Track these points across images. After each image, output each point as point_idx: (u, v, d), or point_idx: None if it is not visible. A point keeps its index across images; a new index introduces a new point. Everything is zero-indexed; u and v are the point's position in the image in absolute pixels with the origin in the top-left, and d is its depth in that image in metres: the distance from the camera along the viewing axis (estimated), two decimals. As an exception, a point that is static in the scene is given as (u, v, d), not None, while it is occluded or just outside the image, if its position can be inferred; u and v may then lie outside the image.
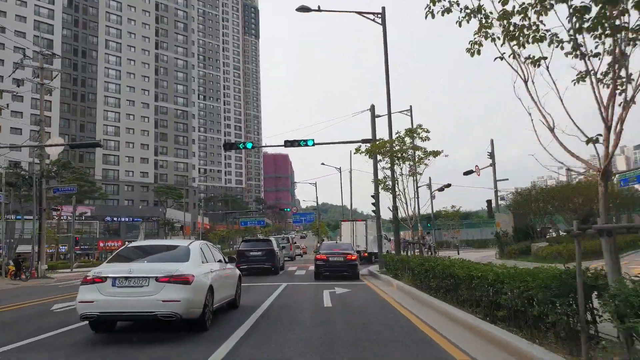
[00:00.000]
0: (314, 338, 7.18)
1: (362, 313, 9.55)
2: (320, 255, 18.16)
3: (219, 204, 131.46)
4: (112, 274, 7.28)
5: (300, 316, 9.35)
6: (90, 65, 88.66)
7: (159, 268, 7.43)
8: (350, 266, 17.83)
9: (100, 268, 7.66)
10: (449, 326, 7.57)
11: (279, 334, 7.48)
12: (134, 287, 7.17)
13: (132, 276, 7.22)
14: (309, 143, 21.28)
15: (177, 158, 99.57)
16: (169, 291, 7.11)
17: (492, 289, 6.83)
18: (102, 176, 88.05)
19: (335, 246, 19.55)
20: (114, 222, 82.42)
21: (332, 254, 18.04)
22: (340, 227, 29.46)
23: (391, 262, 16.80)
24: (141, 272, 7.32)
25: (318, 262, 18.08)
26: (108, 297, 7.12)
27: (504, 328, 6.24)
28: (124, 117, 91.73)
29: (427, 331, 7.38)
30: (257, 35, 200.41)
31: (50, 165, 59.04)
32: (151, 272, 7.29)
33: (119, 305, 7.13)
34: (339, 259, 17.86)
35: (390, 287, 14.40)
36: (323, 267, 17.96)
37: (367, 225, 28.23)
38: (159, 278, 7.19)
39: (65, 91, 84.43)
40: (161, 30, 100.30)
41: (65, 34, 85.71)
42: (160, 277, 7.20)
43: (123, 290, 7.15)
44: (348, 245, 20.31)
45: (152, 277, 7.20)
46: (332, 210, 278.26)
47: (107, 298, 7.12)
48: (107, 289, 7.17)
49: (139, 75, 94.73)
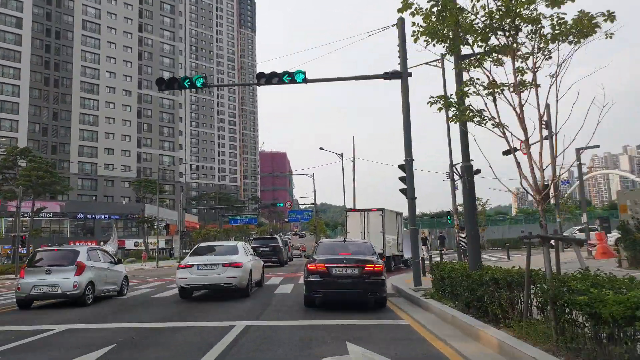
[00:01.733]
0: None
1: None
2: (315, 265, 9.72)
3: (212, 202, 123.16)
4: (196, 262, 12.44)
5: None
6: (64, 47, 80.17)
7: (223, 258, 12.52)
8: (371, 285, 9.54)
9: (188, 259, 12.75)
10: None
11: None
12: (209, 269, 12.26)
13: (208, 263, 12.39)
14: (297, 78, 12.95)
15: (162, 151, 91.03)
16: (229, 272, 12.21)
17: None
18: (78, 170, 79.68)
19: (342, 247, 11.11)
20: (88, 220, 73.88)
21: (337, 262, 9.68)
22: (346, 220, 20.79)
23: (453, 279, 8.41)
24: (213, 260, 12.46)
25: (312, 276, 9.73)
26: (194, 276, 12.22)
27: None
28: (103, 106, 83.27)
29: None
30: (253, 28, 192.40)
31: (6, 154, 50.72)
32: (219, 261, 12.39)
33: (201, 280, 12.23)
34: (351, 272, 9.53)
35: (477, 342, 6.13)
36: (320, 288, 9.64)
37: (384, 216, 19.83)
38: (224, 264, 12.29)
39: (36, 75, 76.04)
40: (145, 12, 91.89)
41: (37, 12, 77.28)
42: (224, 263, 12.30)
43: (203, 271, 12.25)
44: (365, 244, 11.40)
45: (220, 264, 12.30)
46: (331, 211, 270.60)
47: (194, 276, 12.21)
48: (194, 271, 12.27)
49: (120, 60, 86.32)
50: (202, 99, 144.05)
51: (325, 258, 9.96)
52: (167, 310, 10.67)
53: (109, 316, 10.07)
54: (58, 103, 78.54)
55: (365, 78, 13.50)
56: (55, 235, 66.87)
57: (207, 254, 13.05)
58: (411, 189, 12.97)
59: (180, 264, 12.97)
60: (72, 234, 71.36)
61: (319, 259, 9.96)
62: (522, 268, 6.60)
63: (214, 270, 12.13)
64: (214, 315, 9.47)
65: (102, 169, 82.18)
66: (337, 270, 9.55)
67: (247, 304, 11.12)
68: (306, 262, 10.28)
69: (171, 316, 9.54)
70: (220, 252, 13.19)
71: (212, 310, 10.41)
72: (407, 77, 13.15)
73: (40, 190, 50.57)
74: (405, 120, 13.11)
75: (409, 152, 13.00)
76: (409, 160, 12.99)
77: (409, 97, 13.27)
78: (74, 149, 79.38)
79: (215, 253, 13.19)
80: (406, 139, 13.06)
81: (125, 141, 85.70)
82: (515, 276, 6.04)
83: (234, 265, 12.27)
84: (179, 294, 12.74)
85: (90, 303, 12.09)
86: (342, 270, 9.55)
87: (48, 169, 50.43)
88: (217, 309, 10.55)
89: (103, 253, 14.05)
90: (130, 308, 11.39)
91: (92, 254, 13.01)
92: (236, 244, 14.03)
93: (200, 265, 12.26)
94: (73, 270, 11.83)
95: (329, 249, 10.98)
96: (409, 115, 13.15)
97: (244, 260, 12.74)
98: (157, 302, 12.49)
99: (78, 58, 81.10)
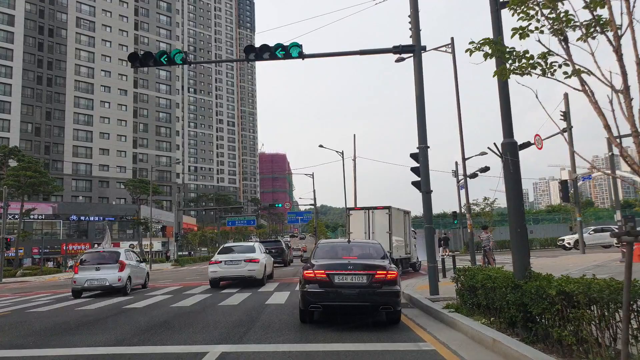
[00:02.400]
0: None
1: None
2: (313, 272, 7.77)
3: (211, 204, 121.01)
4: (224, 259, 16.11)
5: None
6: (58, 45, 78.29)
7: (244, 256, 16.18)
8: (383, 297, 7.59)
9: (217, 257, 16.59)
10: None
11: None
12: (234, 265, 15.87)
13: (233, 259, 16.07)
14: (292, 53, 11.04)
15: (159, 151, 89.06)
16: (249, 266, 15.79)
17: None
18: (72, 170, 77.77)
19: (346, 249, 9.16)
20: (82, 222, 71.88)
21: (340, 269, 7.70)
22: (348, 219, 18.75)
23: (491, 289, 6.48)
24: (237, 257, 16.14)
25: (309, 286, 7.76)
26: (222, 269, 15.89)
27: None
28: (97, 105, 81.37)
29: None
30: (252, 28, 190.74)
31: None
32: (241, 258, 16.09)
33: (227, 273, 15.89)
34: (358, 280, 7.61)
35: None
36: (319, 300, 7.69)
37: (391, 215, 17.83)
38: (245, 260, 15.95)
39: (29, 74, 74.13)
40: (141, 10, 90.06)
41: (29, 9, 75.44)
42: (246, 259, 15.98)
43: (229, 266, 15.87)
44: (374, 246, 9.24)
45: (242, 260, 15.97)
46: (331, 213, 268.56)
47: (222, 269, 15.88)
48: (222, 266, 15.91)
49: (115, 59, 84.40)
50: (200, 99, 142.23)
51: (325, 263, 8.03)
52: (130, 326, 8.66)
53: (50, 338, 8.14)
54: (51, 102, 76.63)
55: (372, 52, 11.61)
56: (47, 237, 64.86)
57: (231, 253, 16.90)
58: (426, 180, 11.08)
59: (210, 260, 17.19)
60: (65, 236, 69.36)
61: (318, 264, 8.01)
62: (595, 277, 4.69)
63: (238, 265, 16.02)
64: (186, 335, 7.55)
65: (97, 170, 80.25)
66: (340, 278, 7.64)
67: (232, 318, 9.21)
68: (302, 268, 8.34)
69: (132, 336, 7.58)
70: (241, 251, 17.02)
71: (187, 326, 8.49)
72: (420, 51, 11.29)
73: (29, 190, 48.64)
74: (419, 102, 11.24)
75: (423, 139, 11.11)
76: (424, 148, 11.09)
77: (422, 74, 11.40)
78: (68, 149, 77.44)
79: (238, 251, 17.02)
80: (420, 123, 11.18)
81: (121, 141, 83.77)
82: (606, 291, 4.12)
83: (253, 261, 16.17)
84: (210, 284, 16.52)
85: (129, 293, 15.30)
86: (347, 278, 7.63)
87: (37, 169, 48.47)
88: (194, 325, 8.61)
89: (134, 253, 17.60)
90: (88, 324, 9.36)
91: (128, 254, 16.67)
92: (253, 244, 18.40)
93: (227, 261, 16.11)
94: (117, 267, 15.29)
95: (331, 252, 9.05)
96: (422, 95, 11.27)
97: (260, 257, 16.59)
98: (126, 315, 10.45)
99: (72, 56, 79.22)
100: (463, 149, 19.72)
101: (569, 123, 21.58)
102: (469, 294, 7.56)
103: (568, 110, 21.57)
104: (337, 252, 8.94)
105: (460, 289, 8.05)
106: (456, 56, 20.51)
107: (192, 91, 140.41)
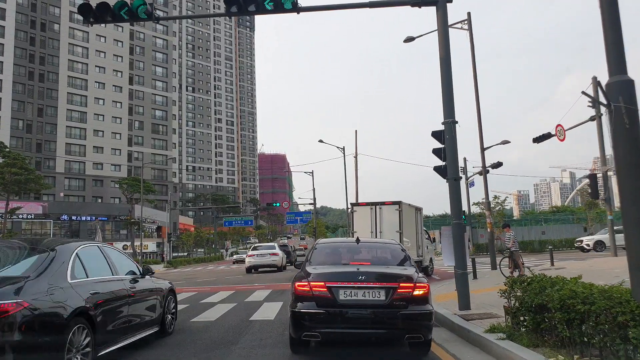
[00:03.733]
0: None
1: None
2: (309, 284, 5.34)
3: (209, 204, 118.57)
4: (256, 253, 27.53)
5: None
6: (51, 40, 75.95)
7: (269, 251, 27.81)
8: (410, 322, 5.19)
9: (251, 252, 28.19)
10: None
11: None
12: (263, 257, 27.03)
13: (262, 253, 27.41)
14: (284, 4, 8.76)
15: (155, 150, 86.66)
16: (273, 258, 27.04)
17: None
18: (64, 169, 75.42)
19: (353, 250, 6.61)
20: (74, 222, 69.50)
21: (347, 279, 5.31)
22: (352, 217, 16.19)
23: (592, 312, 4.16)
24: (264, 252, 27.52)
25: (302, 305, 5.34)
26: (256, 260, 26.91)
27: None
28: (91, 102, 79.00)
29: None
30: (252, 27, 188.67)
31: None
32: (267, 252, 27.54)
33: (259, 262, 26.83)
34: (372, 296, 5.23)
35: None
36: (317, 326, 5.26)
37: (401, 212, 15.39)
38: (270, 253, 27.30)
39: (20, 69, 71.82)
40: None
41: (21, 2, 73.15)
42: (270, 253, 27.37)
43: (259, 257, 27.00)
44: (392, 247, 6.60)
45: (268, 253, 27.35)
46: (331, 214, 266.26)
47: (256, 260, 26.90)
48: (256, 257, 27.06)
49: (110, 54, 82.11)
50: (198, 98, 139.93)
51: (326, 271, 5.60)
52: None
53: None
54: (43, 98, 74.28)
55: (385, 5, 9.26)
56: (37, 238, 62.51)
57: (260, 249, 28.17)
58: (453, 165, 8.72)
59: (248, 254, 28.88)
60: (56, 236, 66.99)
61: (316, 272, 5.57)
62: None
63: (265, 257, 26.76)
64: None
65: (91, 168, 77.90)
66: (347, 293, 5.25)
67: (202, 343, 6.85)
68: (294, 279, 5.79)
69: None
70: (266, 248, 28.65)
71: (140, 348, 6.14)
72: (445, 2, 8.97)
73: (15, 188, 46.27)
74: (444, 65, 8.90)
75: (450, 112, 8.76)
76: (450, 123, 8.73)
77: (448, 32, 9.07)
78: (61, 147, 75.08)
79: (264, 248, 28.64)
80: (445, 92, 8.84)
81: (116, 139, 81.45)
82: None
83: (275, 254, 27.22)
84: (246, 270, 26.75)
85: None
86: (357, 293, 5.25)
87: (23, 165, 46.10)
88: (148, 350, 6.27)
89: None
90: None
91: None
92: (274, 244, 31.92)
93: (258, 255, 27.01)
94: None
95: (333, 255, 6.52)
96: (449, 57, 8.94)
97: (279, 252, 27.92)
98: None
99: (65, 51, 76.88)
100: (482, 137, 17.42)
101: (597, 111, 19.31)
102: (533, 317, 5.21)
103: (597, 97, 19.32)
104: (341, 256, 6.47)
105: (518, 310, 5.67)
106: (473, 34, 18.20)
107: (191, 90, 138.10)
